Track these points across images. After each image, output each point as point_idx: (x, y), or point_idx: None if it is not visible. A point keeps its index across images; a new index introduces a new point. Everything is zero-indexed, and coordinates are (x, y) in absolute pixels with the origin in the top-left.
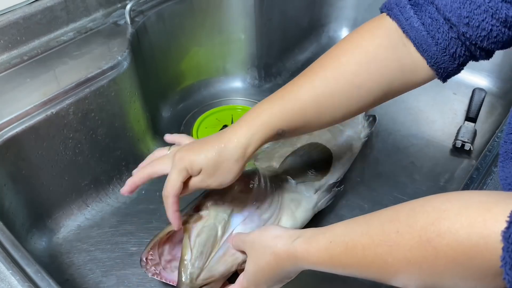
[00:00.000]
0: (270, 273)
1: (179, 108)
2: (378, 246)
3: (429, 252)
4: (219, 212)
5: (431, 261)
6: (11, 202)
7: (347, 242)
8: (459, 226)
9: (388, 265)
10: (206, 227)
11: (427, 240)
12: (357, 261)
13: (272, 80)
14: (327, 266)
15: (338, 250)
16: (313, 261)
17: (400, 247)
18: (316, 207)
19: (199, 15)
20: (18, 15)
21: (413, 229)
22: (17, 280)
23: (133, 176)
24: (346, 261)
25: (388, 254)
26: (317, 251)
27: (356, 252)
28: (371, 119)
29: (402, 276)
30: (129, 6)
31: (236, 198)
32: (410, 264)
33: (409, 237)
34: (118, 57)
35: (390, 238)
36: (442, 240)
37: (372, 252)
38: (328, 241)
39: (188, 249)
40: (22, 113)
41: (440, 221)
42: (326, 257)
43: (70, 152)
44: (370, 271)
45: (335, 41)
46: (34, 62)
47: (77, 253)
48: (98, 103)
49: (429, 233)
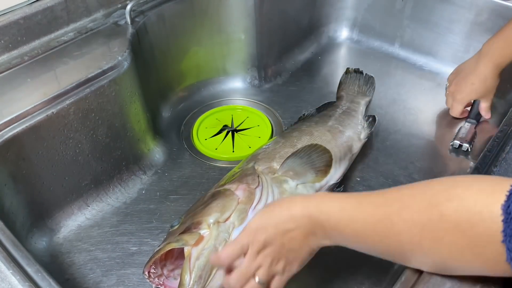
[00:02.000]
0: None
1: (179, 108)
2: (389, 206)
3: (435, 215)
4: (221, 232)
5: (434, 224)
6: (12, 202)
7: (360, 201)
8: (468, 193)
9: (393, 225)
10: (206, 249)
11: (436, 204)
12: (366, 217)
13: (272, 80)
14: (338, 218)
15: (349, 207)
16: (326, 210)
17: (409, 208)
18: None
19: (199, 15)
20: (18, 15)
21: (426, 194)
22: (17, 280)
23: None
24: (356, 215)
25: (396, 214)
26: (332, 204)
27: (367, 208)
28: (371, 120)
29: (403, 237)
30: (130, 6)
31: (237, 210)
32: (414, 225)
33: (420, 200)
34: (119, 57)
35: (403, 200)
36: (449, 204)
37: (381, 210)
38: (345, 196)
39: (187, 273)
40: (22, 113)
41: (452, 188)
42: (337, 208)
43: (70, 152)
44: (375, 230)
45: (335, 41)
46: (35, 62)
47: (77, 253)
48: (99, 103)
49: (440, 197)
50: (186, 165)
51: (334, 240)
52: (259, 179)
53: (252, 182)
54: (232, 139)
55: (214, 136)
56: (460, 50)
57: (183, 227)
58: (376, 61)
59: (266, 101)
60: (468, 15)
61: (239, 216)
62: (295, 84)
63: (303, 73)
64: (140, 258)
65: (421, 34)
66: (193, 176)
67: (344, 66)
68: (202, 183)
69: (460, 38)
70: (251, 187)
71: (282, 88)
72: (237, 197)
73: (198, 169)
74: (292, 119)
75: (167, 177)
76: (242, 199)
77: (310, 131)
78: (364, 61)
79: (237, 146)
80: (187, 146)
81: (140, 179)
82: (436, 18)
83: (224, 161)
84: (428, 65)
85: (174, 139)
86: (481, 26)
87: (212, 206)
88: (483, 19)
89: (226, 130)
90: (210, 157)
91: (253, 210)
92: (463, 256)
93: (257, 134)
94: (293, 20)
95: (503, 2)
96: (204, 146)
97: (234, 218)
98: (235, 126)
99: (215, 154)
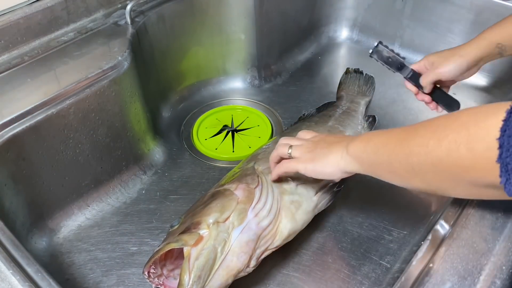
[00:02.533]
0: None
1: (179, 108)
2: (421, 122)
3: (450, 118)
4: (220, 233)
5: (446, 125)
6: (12, 202)
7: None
8: (484, 107)
9: (416, 130)
10: (205, 249)
11: (456, 114)
12: (396, 130)
13: (272, 80)
14: (372, 136)
15: (389, 130)
16: (362, 135)
17: (434, 119)
18: (317, 209)
19: (199, 15)
20: (18, 15)
21: (435, 119)
22: (17, 280)
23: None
24: (387, 131)
25: (422, 124)
26: (372, 132)
27: (398, 129)
28: (371, 120)
29: (417, 141)
30: (130, 6)
31: (236, 210)
32: (430, 126)
33: (446, 115)
34: (119, 57)
35: (434, 118)
36: (465, 111)
37: (415, 125)
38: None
39: (187, 273)
40: (22, 113)
41: (474, 108)
42: (374, 132)
43: (70, 152)
44: (398, 137)
45: (335, 41)
46: (35, 62)
47: (77, 253)
48: (99, 103)
49: (460, 112)
50: (186, 165)
51: (357, 155)
52: (258, 179)
53: (252, 182)
54: (232, 139)
55: (214, 136)
56: None
57: (182, 227)
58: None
59: (266, 101)
60: (468, 15)
61: (239, 216)
62: (295, 84)
63: (303, 73)
64: (140, 258)
65: (421, 34)
66: (193, 176)
67: (344, 66)
68: (202, 183)
69: (460, 38)
70: (251, 187)
71: (282, 88)
72: (237, 197)
73: (198, 169)
74: (292, 119)
75: (167, 177)
76: (242, 199)
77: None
78: (364, 61)
79: (237, 146)
80: (187, 146)
81: (140, 179)
82: (436, 18)
83: (224, 161)
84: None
85: (174, 139)
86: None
87: (212, 206)
88: (483, 19)
89: (226, 130)
90: (210, 157)
91: (253, 209)
92: (458, 151)
93: (257, 134)
94: (293, 20)
95: (503, 2)
96: (204, 146)
97: (233, 218)
98: (235, 126)
99: (215, 154)
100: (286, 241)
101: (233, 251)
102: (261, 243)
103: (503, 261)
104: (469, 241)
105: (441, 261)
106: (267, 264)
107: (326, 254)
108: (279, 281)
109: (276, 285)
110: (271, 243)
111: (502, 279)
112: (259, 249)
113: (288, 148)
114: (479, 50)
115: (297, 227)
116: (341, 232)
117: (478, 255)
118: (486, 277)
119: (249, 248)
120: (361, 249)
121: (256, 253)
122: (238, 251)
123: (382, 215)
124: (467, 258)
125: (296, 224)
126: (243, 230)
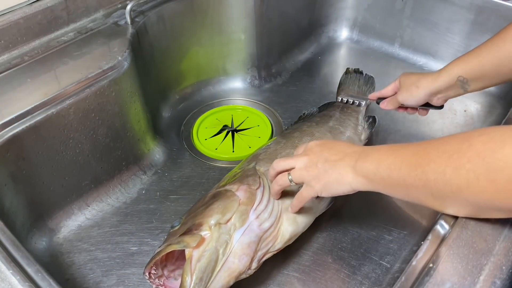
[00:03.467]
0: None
1: (179, 108)
2: (429, 143)
3: (464, 146)
4: (222, 234)
5: (462, 153)
6: (12, 202)
7: (407, 144)
8: (499, 132)
9: (427, 154)
10: (207, 251)
11: (468, 138)
12: (406, 153)
13: (272, 80)
14: (382, 151)
15: (397, 146)
16: (370, 149)
17: (444, 142)
18: (318, 211)
19: (199, 15)
20: (18, 15)
21: (461, 135)
22: (17, 280)
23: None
24: (397, 150)
25: (433, 147)
26: (380, 147)
27: (409, 147)
28: (371, 120)
29: (431, 167)
30: (130, 6)
31: (238, 211)
32: (444, 153)
33: (457, 136)
34: (119, 57)
35: (443, 139)
36: (480, 137)
37: (423, 146)
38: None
39: (188, 275)
40: (22, 113)
41: (487, 128)
42: (383, 147)
43: (70, 152)
44: (411, 161)
45: (335, 41)
46: (35, 62)
47: (77, 253)
48: (99, 103)
49: (474, 133)
50: (186, 165)
51: (368, 175)
52: (260, 180)
53: (253, 183)
54: (232, 139)
55: (214, 136)
56: (460, 50)
57: (184, 228)
58: (376, 61)
59: (266, 101)
60: (468, 15)
61: (240, 217)
62: (295, 84)
63: (303, 73)
64: (140, 258)
65: (421, 34)
66: (193, 176)
67: (344, 66)
68: (202, 183)
69: (460, 38)
70: (252, 188)
71: (282, 88)
72: (238, 198)
73: (198, 169)
74: (292, 119)
75: (167, 177)
76: (243, 200)
77: (311, 131)
78: (364, 61)
79: (237, 146)
80: (187, 146)
81: (140, 179)
82: (436, 18)
83: (224, 161)
84: (428, 65)
85: (174, 139)
86: (481, 26)
87: (213, 207)
88: (483, 19)
89: (226, 130)
90: (210, 157)
91: (254, 211)
92: (478, 182)
93: (257, 134)
94: (293, 20)
95: (503, 2)
96: (204, 146)
97: (235, 220)
98: (235, 126)
99: (215, 154)
100: (287, 244)
101: (234, 253)
102: (263, 245)
103: (503, 261)
104: (469, 241)
105: (441, 261)
106: (268, 264)
107: (326, 254)
108: (279, 281)
109: (276, 285)
110: (272, 246)
111: (502, 279)
112: (260, 251)
113: (288, 175)
114: (437, 83)
115: (299, 230)
116: (341, 232)
117: (478, 255)
118: (486, 277)
119: (251, 250)
120: (361, 249)
121: (258, 255)
122: (239, 253)
123: (382, 215)
124: (467, 258)
125: (297, 227)
126: (244, 232)
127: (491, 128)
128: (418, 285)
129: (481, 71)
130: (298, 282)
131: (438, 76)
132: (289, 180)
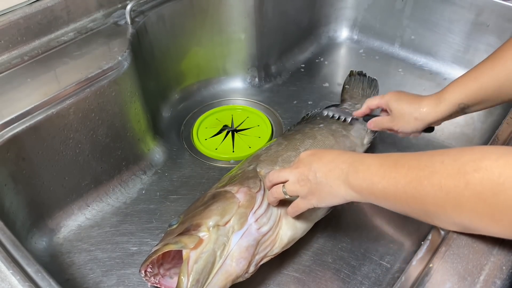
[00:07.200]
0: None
1: (179, 108)
2: (421, 170)
3: (461, 183)
4: (220, 236)
5: (459, 191)
6: (12, 202)
7: (398, 160)
8: (495, 166)
9: (422, 187)
10: (204, 253)
11: (464, 173)
12: (398, 178)
13: (272, 80)
14: (375, 172)
15: (388, 164)
16: (368, 163)
17: (439, 174)
18: (317, 217)
19: (199, 15)
20: (18, 15)
21: (456, 162)
22: (17, 280)
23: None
24: (390, 173)
25: (426, 177)
26: (373, 159)
27: (402, 170)
28: None
29: (429, 200)
30: (130, 6)
31: (237, 214)
32: (440, 189)
33: (450, 168)
34: (119, 57)
35: (434, 166)
36: (476, 174)
37: (414, 173)
38: (381, 157)
39: (185, 276)
40: (22, 113)
41: (482, 160)
42: (377, 162)
43: (70, 152)
44: (405, 190)
45: (335, 41)
46: (35, 62)
47: (77, 253)
48: (99, 103)
49: (468, 167)
50: (186, 165)
51: (361, 192)
52: (260, 183)
53: (254, 186)
54: (232, 139)
55: (214, 136)
56: (460, 50)
57: (181, 228)
58: (376, 61)
59: (266, 101)
60: (468, 15)
61: (239, 220)
62: (295, 84)
63: (303, 73)
64: (140, 258)
65: (421, 34)
66: (193, 176)
67: (344, 66)
68: (202, 183)
69: (460, 38)
70: (252, 191)
71: (282, 88)
72: (238, 201)
73: (198, 169)
74: (292, 119)
75: (167, 177)
76: (243, 202)
77: (313, 134)
78: (364, 61)
79: (237, 146)
80: (187, 146)
81: (140, 179)
82: (436, 18)
83: (224, 161)
84: (428, 65)
85: (174, 139)
86: (481, 26)
87: (212, 208)
88: (483, 19)
89: (226, 130)
90: (210, 157)
91: (253, 214)
92: (482, 221)
93: (257, 134)
94: (293, 20)
95: (503, 2)
96: (204, 146)
97: (233, 222)
98: (235, 126)
99: (215, 154)
100: (285, 248)
101: (232, 255)
102: (261, 249)
103: (503, 261)
104: (469, 241)
105: (441, 261)
106: (267, 264)
107: (326, 254)
108: (279, 281)
109: (276, 285)
110: (271, 250)
111: (502, 279)
112: (258, 255)
113: (283, 188)
114: (438, 113)
115: (297, 235)
116: (341, 232)
117: (478, 255)
118: (486, 277)
119: (249, 254)
120: (361, 249)
121: (255, 259)
122: (237, 256)
123: (382, 215)
124: (467, 258)
125: (296, 232)
126: (243, 235)
127: (484, 161)
128: (418, 285)
129: (482, 95)
130: (298, 282)
131: (437, 105)
132: (284, 192)
